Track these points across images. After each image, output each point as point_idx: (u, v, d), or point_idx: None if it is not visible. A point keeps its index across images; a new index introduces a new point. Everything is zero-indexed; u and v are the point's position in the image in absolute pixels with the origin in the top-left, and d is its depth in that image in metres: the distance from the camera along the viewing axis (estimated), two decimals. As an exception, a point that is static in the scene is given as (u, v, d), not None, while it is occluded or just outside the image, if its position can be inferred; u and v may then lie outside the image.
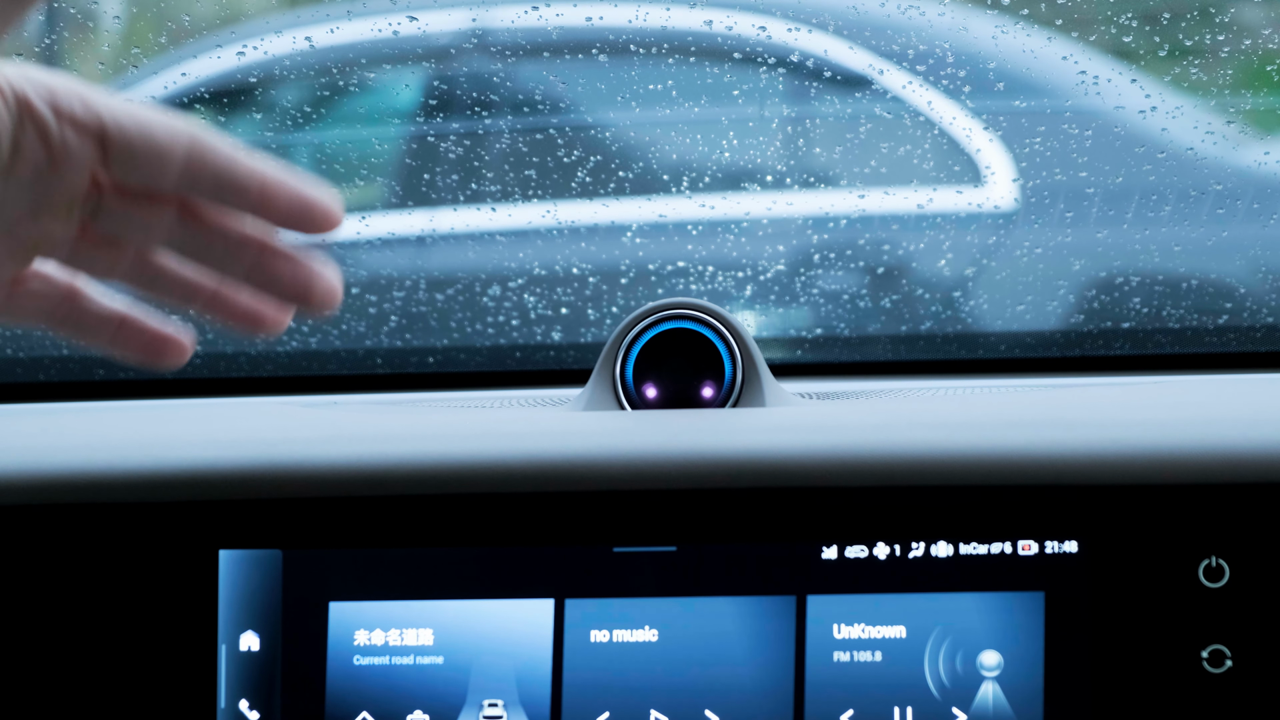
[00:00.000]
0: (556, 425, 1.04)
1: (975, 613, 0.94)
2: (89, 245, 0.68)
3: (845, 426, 1.01)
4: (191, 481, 0.97)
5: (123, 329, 0.71)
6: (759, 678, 0.94)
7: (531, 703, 0.95)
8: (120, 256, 0.69)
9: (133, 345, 0.71)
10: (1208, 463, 0.93)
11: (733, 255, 1.36)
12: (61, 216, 0.66)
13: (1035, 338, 1.37)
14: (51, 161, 0.65)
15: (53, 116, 0.64)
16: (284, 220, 0.67)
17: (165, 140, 0.65)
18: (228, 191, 0.66)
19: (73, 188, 0.66)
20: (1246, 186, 1.36)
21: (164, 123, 0.66)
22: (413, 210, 1.46)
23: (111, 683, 0.96)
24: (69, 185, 0.66)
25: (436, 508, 0.96)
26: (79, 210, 0.67)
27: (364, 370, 1.34)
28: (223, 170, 0.66)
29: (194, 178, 0.66)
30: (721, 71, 1.37)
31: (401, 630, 0.96)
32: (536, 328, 1.35)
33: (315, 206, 0.66)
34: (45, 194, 0.65)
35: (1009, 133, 1.38)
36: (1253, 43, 1.32)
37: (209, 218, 0.68)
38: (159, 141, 0.65)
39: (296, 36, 1.43)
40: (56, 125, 0.64)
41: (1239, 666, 0.92)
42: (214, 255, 0.68)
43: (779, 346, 1.34)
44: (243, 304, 0.70)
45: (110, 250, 0.68)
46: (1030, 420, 1.00)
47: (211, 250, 0.68)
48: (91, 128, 0.65)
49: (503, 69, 1.41)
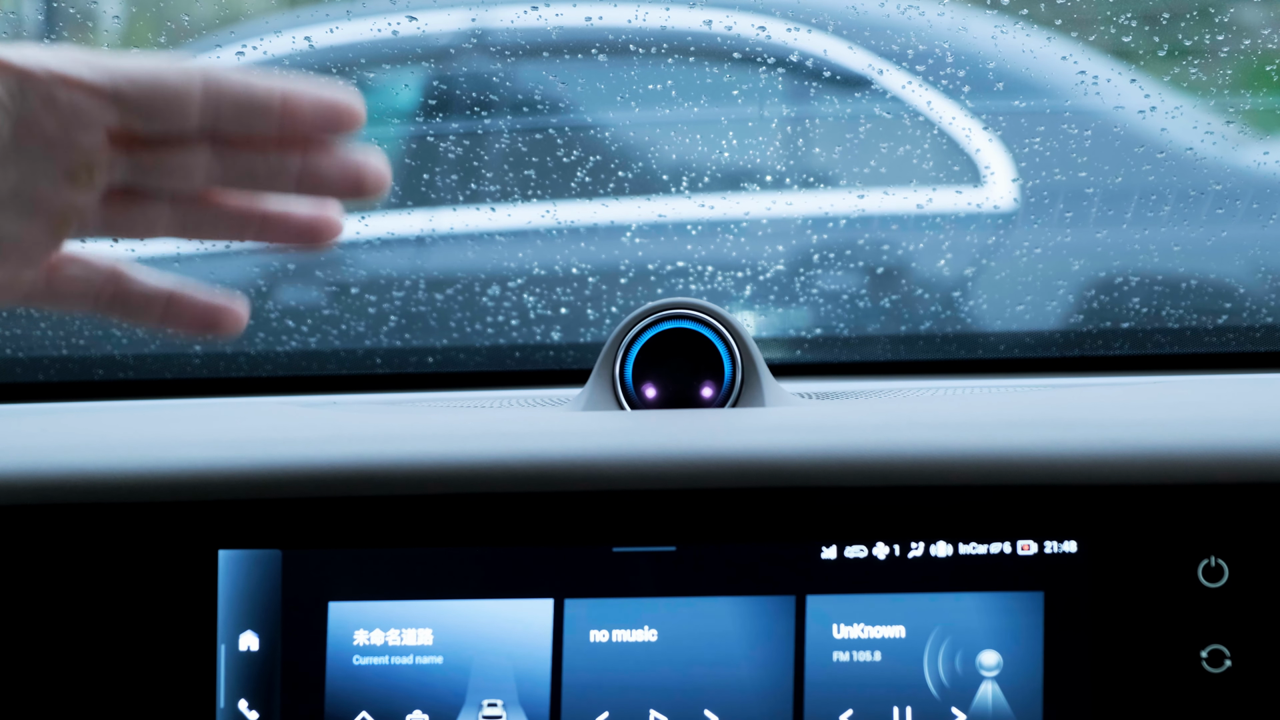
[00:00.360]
0: (556, 425, 1.04)
1: (974, 613, 0.94)
2: (122, 208, 0.68)
3: (845, 426, 1.01)
4: (191, 481, 0.97)
5: (172, 305, 0.70)
6: (758, 678, 0.94)
7: (531, 703, 0.95)
8: (158, 213, 0.68)
9: (185, 320, 0.70)
10: (1207, 463, 0.93)
11: (732, 255, 1.36)
12: (83, 184, 0.66)
13: (1035, 338, 1.37)
14: (61, 127, 0.65)
15: (57, 82, 0.64)
16: (313, 128, 0.67)
17: (179, 83, 0.65)
18: (252, 115, 0.66)
19: (88, 151, 0.66)
20: (1246, 186, 1.35)
21: (173, 67, 0.66)
22: (412, 210, 1.46)
23: (111, 683, 0.96)
24: (84, 149, 0.65)
25: (436, 508, 0.96)
26: (101, 175, 0.66)
27: (363, 370, 1.34)
28: (241, 96, 0.66)
29: (216, 111, 0.66)
30: (721, 71, 1.37)
31: (401, 630, 0.96)
32: (536, 328, 1.35)
33: (340, 106, 0.67)
34: (62, 162, 0.65)
35: (1008, 133, 1.38)
36: (1252, 43, 1.32)
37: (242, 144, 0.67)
38: (173, 85, 0.65)
39: (296, 36, 1.43)
40: (63, 91, 0.64)
41: (1238, 666, 0.92)
42: (261, 174, 0.68)
43: (778, 346, 1.34)
44: (297, 218, 0.69)
45: (145, 208, 0.68)
46: (1029, 420, 1.00)
47: (256, 171, 0.68)
48: (102, 88, 0.65)
49: (502, 69, 1.41)
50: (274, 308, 1.41)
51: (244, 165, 0.68)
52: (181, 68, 0.66)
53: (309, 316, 1.38)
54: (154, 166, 0.67)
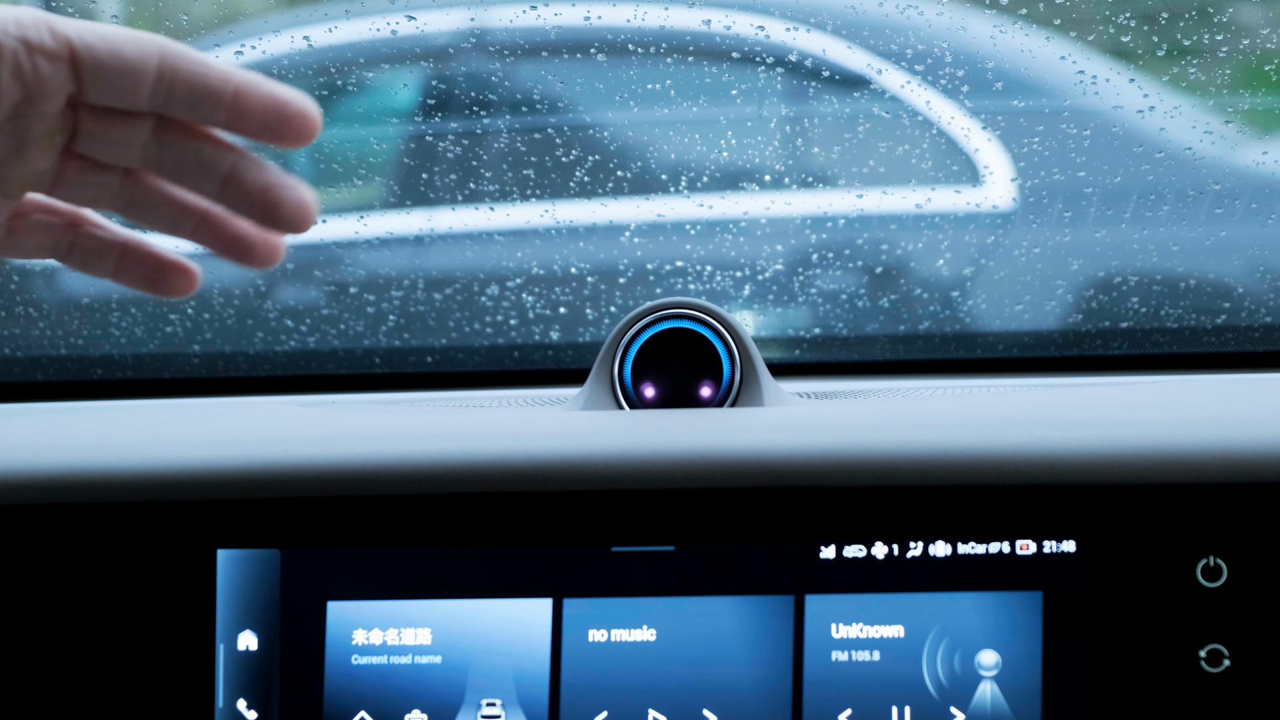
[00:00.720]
0: (555, 425, 1.04)
1: (973, 612, 0.94)
2: (72, 171, 0.67)
3: (843, 426, 1.01)
4: (189, 481, 0.97)
5: (126, 256, 0.70)
6: (757, 677, 0.94)
7: (529, 702, 0.95)
8: (106, 181, 0.68)
9: (137, 274, 0.70)
10: (1206, 462, 0.93)
11: (731, 255, 1.36)
12: (45, 149, 0.66)
13: (1033, 337, 1.37)
14: (27, 97, 0.64)
15: (24, 50, 0.64)
16: (260, 129, 0.65)
17: (135, 56, 0.65)
18: (202, 101, 0.65)
19: (51, 117, 0.65)
20: (1245, 186, 1.36)
21: (132, 38, 0.65)
22: (411, 210, 1.46)
23: (109, 682, 0.96)
24: (47, 116, 0.65)
25: (435, 507, 0.96)
26: (59, 138, 0.66)
27: (362, 370, 1.34)
28: (195, 79, 0.65)
29: (167, 91, 0.65)
30: (720, 71, 1.37)
31: (399, 630, 0.96)
32: (535, 327, 1.35)
33: (291, 110, 0.65)
34: (26, 130, 0.65)
35: (1007, 132, 1.38)
36: (1251, 42, 1.32)
37: (185, 130, 0.66)
38: (129, 58, 0.64)
39: (295, 36, 1.43)
40: (28, 58, 0.64)
41: (1237, 666, 0.92)
42: (190, 166, 0.67)
43: (777, 346, 1.34)
44: (234, 228, 0.68)
45: (96, 174, 0.67)
46: (1028, 420, 1.00)
47: (186, 161, 0.67)
48: (62, 54, 0.64)
49: (501, 69, 1.41)
50: (273, 307, 1.41)
51: (178, 153, 0.67)
52: (140, 40, 0.65)
53: (308, 316, 1.38)
54: (96, 136, 0.66)
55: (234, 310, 1.40)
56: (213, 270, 1.41)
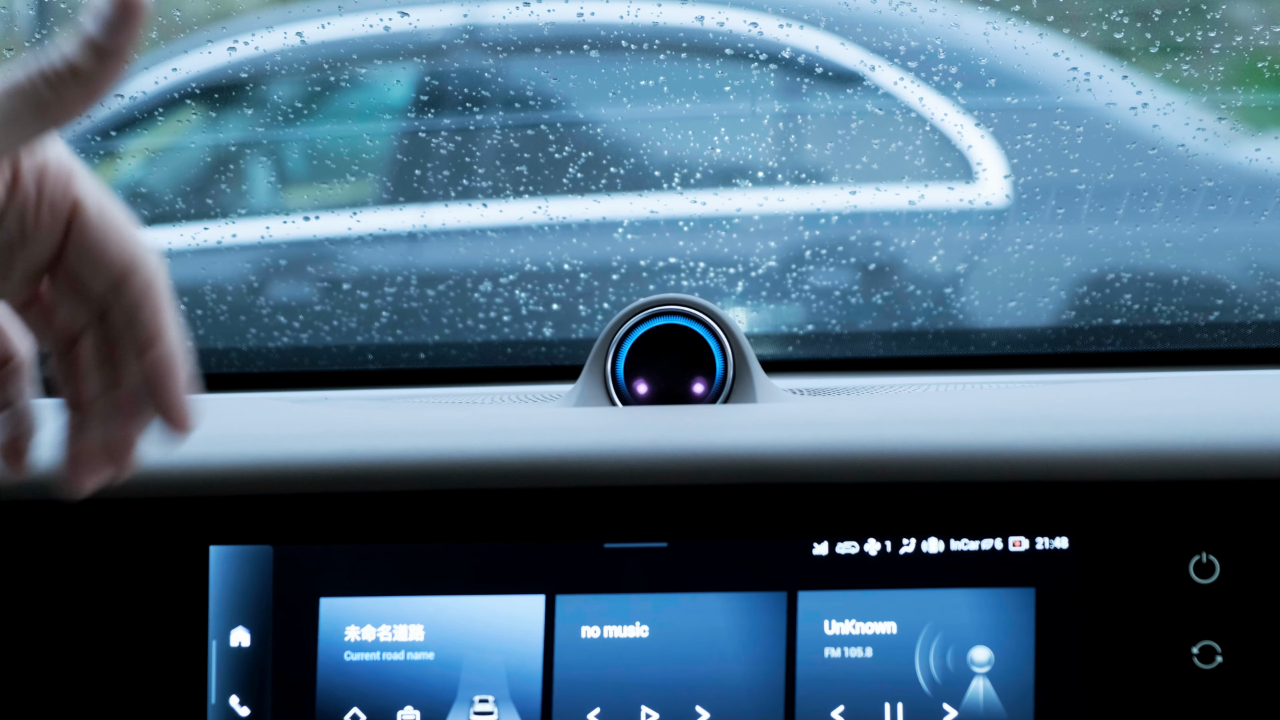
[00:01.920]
0: (547, 421, 1.04)
1: (966, 609, 0.94)
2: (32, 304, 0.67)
3: (836, 423, 1.01)
4: (182, 477, 0.96)
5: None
6: (750, 674, 0.94)
7: (522, 699, 0.95)
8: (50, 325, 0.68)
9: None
10: (1199, 459, 0.93)
11: (724, 251, 1.36)
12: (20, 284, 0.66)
13: (1027, 334, 1.37)
14: (22, 239, 0.64)
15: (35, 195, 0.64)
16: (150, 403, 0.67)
17: (111, 256, 0.65)
18: (131, 337, 0.65)
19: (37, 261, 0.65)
20: (1237, 183, 1.36)
21: (120, 238, 0.65)
22: (404, 206, 1.46)
23: (102, 679, 0.96)
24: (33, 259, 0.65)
25: (427, 503, 0.96)
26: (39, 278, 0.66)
27: (355, 366, 1.34)
28: (139, 316, 0.65)
29: (112, 304, 0.65)
30: (713, 67, 1.37)
31: (392, 626, 0.96)
32: (528, 324, 1.35)
33: (177, 408, 0.67)
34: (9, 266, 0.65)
35: (1000, 129, 1.39)
36: (1244, 39, 1.32)
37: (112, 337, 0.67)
38: (105, 254, 0.64)
39: (288, 32, 1.43)
40: (35, 205, 0.64)
41: (1229, 662, 0.92)
42: (91, 370, 0.67)
43: (770, 342, 1.34)
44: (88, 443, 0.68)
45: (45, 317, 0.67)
46: (1021, 416, 1.00)
47: (91, 366, 0.67)
48: (63, 214, 0.64)
49: (494, 65, 1.41)
50: (265, 303, 1.41)
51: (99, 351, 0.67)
52: (124, 245, 0.65)
53: (300, 312, 1.38)
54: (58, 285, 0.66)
55: (227, 306, 1.40)
56: (205, 267, 1.41)
